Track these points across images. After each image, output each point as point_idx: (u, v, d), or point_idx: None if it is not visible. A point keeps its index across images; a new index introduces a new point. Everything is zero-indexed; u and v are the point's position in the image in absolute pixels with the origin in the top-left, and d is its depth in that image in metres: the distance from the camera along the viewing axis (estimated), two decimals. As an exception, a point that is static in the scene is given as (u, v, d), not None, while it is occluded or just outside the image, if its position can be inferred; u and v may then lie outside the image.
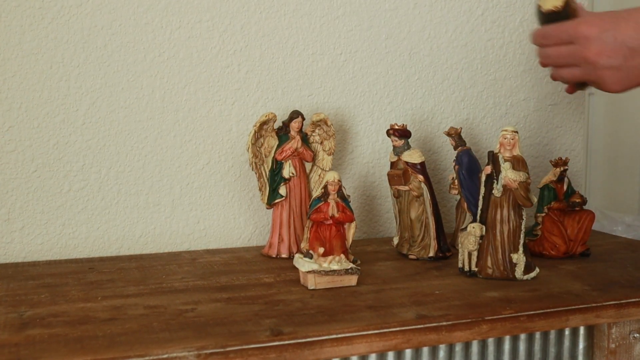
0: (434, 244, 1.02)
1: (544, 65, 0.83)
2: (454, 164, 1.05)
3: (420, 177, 1.02)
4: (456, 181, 1.05)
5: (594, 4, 1.34)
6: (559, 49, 0.79)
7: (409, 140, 1.04)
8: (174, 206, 1.09)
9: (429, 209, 1.02)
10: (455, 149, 1.05)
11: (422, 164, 1.02)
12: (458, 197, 1.08)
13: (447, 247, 1.03)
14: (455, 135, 1.06)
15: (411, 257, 1.02)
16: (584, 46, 0.75)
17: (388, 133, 1.03)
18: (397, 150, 1.03)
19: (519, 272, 0.90)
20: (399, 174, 1.02)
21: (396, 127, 1.03)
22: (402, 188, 1.02)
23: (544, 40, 0.81)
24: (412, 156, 1.02)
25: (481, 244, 0.92)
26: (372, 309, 0.77)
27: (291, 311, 0.76)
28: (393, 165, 1.04)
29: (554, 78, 0.85)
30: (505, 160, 0.91)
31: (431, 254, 1.01)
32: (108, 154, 1.04)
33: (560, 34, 0.78)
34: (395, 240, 1.06)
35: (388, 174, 1.04)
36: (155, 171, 1.07)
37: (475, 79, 1.24)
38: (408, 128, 1.04)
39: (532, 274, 0.91)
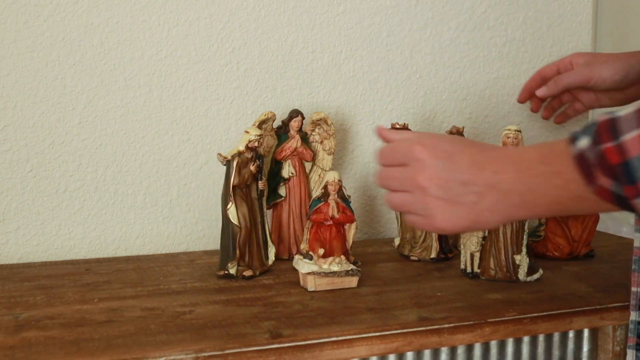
0: (435, 245, 1.02)
1: (380, 186, 0.76)
2: None
3: None
4: None
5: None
6: (393, 171, 0.73)
7: None
8: (172, 206, 1.09)
9: None
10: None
11: None
12: None
13: (449, 248, 1.03)
14: (458, 135, 1.06)
15: (412, 258, 1.02)
16: (416, 170, 0.69)
17: None
18: None
19: (522, 274, 0.90)
20: None
21: (397, 126, 1.03)
22: None
23: (382, 159, 0.74)
24: None
25: (484, 245, 0.92)
26: (372, 311, 0.77)
27: (291, 313, 0.76)
28: None
29: (386, 204, 0.76)
30: (508, 160, 0.91)
31: (433, 255, 1.02)
32: (105, 153, 1.04)
33: (395, 155, 0.72)
34: (397, 242, 1.06)
35: None
36: (152, 171, 1.07)
37: (477, 78, 1.24)
38: (409, 127, 1.04)
39: (536, 276, 0.91)
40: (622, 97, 1.05)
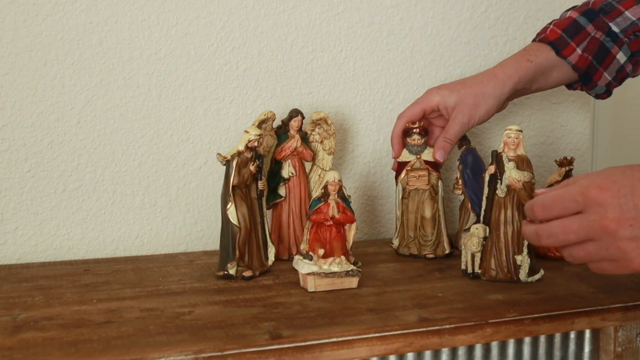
0: (447, 240, 1.04)
1: (545, 245, 0.71)
2: (458, 163, 1.05)
3: (438, 174, 1.05)
4: (460, 181, 1.05)
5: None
6: (568, 223, 0.67)
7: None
8: (171, 207, 1.09)
9: (442, 207, 1.05)
10: (459, 148, 1.06)
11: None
12: (462, 197, 1.08)
13: (452, 241, 1.06)
14: (466, 141, 1.06)
15: (429, 256, 1.02)
16: (599, 215, 0.64)
17: (410, 132, 1.03)
18: (416, 149, 1.04)
19: (523, 274, 0.90)
20: (424, 174, 1.04)
21: (417, 125, 1.04)
22: (425, 187, 1.03)
23: (545, 213, 0.69)
24: (430, 155, 1.05)
25: (485, 245, 0.92)
26: (373, 311, 0.77)
27: (290, 314, 0.76)
28: (404, 165, 1.04)
29: (567, 259, 0.72)
30: (509, 160, 0.91)
31: (447, 250, 1.04)
32: (103, 153, 1.04)
33: (565, 204, 0.67)
34: (396, 242, 1.06)
35: (410, 176, 1.04)
36: (151, 171, 1.07)
37: (478, 77, 1.23)
38: (425, 127, 1.06)
39: (537, 276, 0.91)
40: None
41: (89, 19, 1.02)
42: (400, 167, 1.06)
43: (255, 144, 0.92)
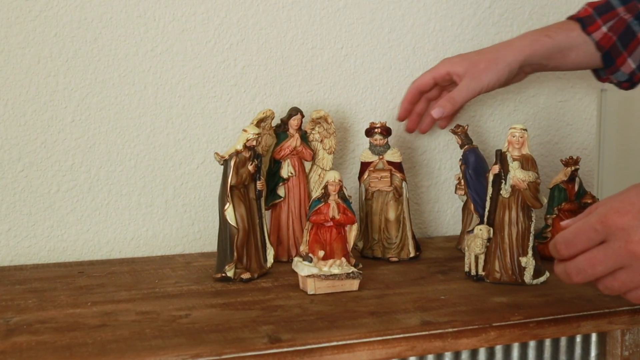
0: (412, 243, 1.03)
1: (578, 283, 0.69)
2: (460, 163, 1.05)
3: (402, 175, 1.04)
4: (462, 182, 1.05)
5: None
6: (593, 255, 0.66)
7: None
8: (168, 207, 1.09)
9: (407, 209, 1.04)
10: (461, 147, 1.06)
11: (401, 162, 1.05)
12: (464, 198, 1.08)
13: (419, 245, 1.05)
14: (462, 134, 1.06)
15: (393, 259, 1.02)
16: (624, 241, 0.63)
17: (372, 132, 1.04)
18: (378, 150, 1.04)
19: (528, 277, 0.90)
20: (386, 175, 1.03)
21: (378, 125, 1.04)
22: (387, 189, 1.03)
23: (569, 249, 0.68)
24: (395, 155, 1.04)
25: (488, 247, 0.92)
26: (374, 314, 0.77)
27: (290, 317, 0.76)
28: (367, 165, 1.04)
29: (604, 292, 0.70)
30: (514, 160, 0.91)
31: (412, 254, 1.03)
32: (98, 152, 1.04)
33: (587, 235, 0.66)
34: (360, 244, 1.06)
35: (372, 177, 1.04)
36: (147, 171, 1.07)
37: (482, 75, 1.23)
38: (389, 126, 1.05)
39: (542, 279, 0.91)
40: (505, 85, 1.09)
41: (83, 15, 1.02)
42: (362, 167, 1.06)
43: (254, 143, 0.92)
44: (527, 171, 0.90)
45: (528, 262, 0.90)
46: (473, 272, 0.92)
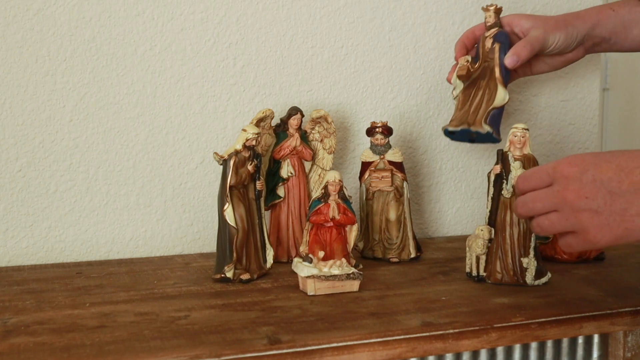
0: (412, 243, 1.03)
1: (521, 216, 0.79)
2: (491, 41, 1.03)
3: (403, 175, 1.04)
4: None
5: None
6: (537, 193, 0.75)
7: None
8: (166, 207, 1.09)
9: (407, 209, 1.04)
10: (490, 28, 1.05)
11: (402, 162, 1.05)
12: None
13: (419, 245, 1.05)
14: (495, 13, 1.05)
15: (393, 260, 1.02)
16: (562, 186, 0.72)
17: (373, 131, 1.04)
18: (379, 149, 1.04)
19: (529, 277, 0.90)
20: (387, 175, 1.03)
21: (379, 124, 1.04)
22: (388, 189, 1.03)
23: (524, 184, 0.77)
24: (396, 155, 1.04)
25: (490, 247, 0.92)
26: (375, 316, 0.77)
27: (290, 318, 0.76)
28: (368, 165, 1.04)
29: (534, 230, 0.78)
30: (515, 159, 0.91)
31: (413, 254, 1.03)
32: (96, 152, 1.04)
33: (540, 175, 0.75)
34: (360, 245, 1.06)
35: (373, 177, 1.04)
36: (146, 171, 1.07)
37: (483, 74, 1.23)
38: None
39: (544, 279, 0.91)
40: (561, 61, 1.07)
41: (81, 14, 1.02)
42: (363, 167, 1.06)
43: (253, 142, 0.92)
44: (530, 171, 0.90)
45: (530, 262, 0.90)
46: (474, 273, 0.92)
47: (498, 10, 1.05)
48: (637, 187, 0.67)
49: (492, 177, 0.93)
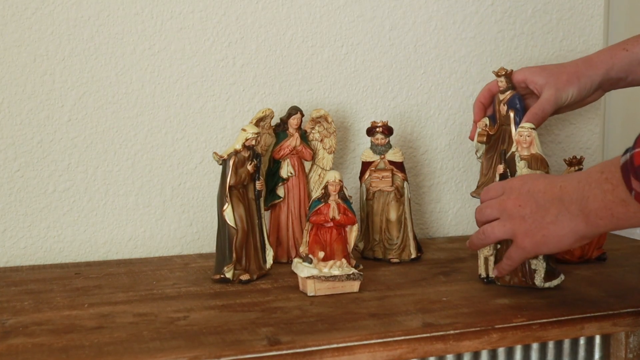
0: (413, 244, 1.03)
1: (476, 220, 0.86)
2: (505, 108, 1.04)
3: (404, 175, 1.04)
4: (489, 128, 1.05)
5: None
6: (489, 201, 0.83)
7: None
8: (165, 208, 1.09)
9: (408, 209, 1.04)
10: (504, 91, 1.05)
11: (402, 162, 1.05)
12: (483, 147, 1.07)
13: (420, 245, 1.05)
14: (506, 78, 1.05)
15: (394, 260, 1.02)
16: (506, 196, 0.81)
17: (373, 131, 1.04)
18: (379, 149, 1.04)
19: (538, 279, 0.89)
20: (387, 175, 1.03)
21: (380, 124, 1.03)
22: (388, 189, 1.03)
23: (485, 195, 0.85)
24: (396, 155, 1.04)
25: (498, 249, 0.91)
26: (375, 316, 0.77)
27: (289, 319, 0.76)
28: (368, 165, 1.04)
29: (480, 237, 0.85)
30: (522, 159, 0.90)
31: (413, 255, 1.03)
32: (95, 152, 1.04)
33: (497, 187, 0.83)
34: (361, 245, 1.06)
35: (373, 177, 1.04)
36: (145, 171, 1.07)
37: (484, 73, 1.23)
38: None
39: (556, 282, 0.89)
40: (580, 106, 1.08)
41: (80, 13, 1.02)
42: (363, 167, 1.06)
43: (253, 142, 0.92)
44: (534, 171, 0.90)
45: (538, 264, 0.89)
46: (483, 275, 0.92)
47: (509, 74, 1.05)
48: (555, 197, 0.75)
49: (497, 178, 0.92)
